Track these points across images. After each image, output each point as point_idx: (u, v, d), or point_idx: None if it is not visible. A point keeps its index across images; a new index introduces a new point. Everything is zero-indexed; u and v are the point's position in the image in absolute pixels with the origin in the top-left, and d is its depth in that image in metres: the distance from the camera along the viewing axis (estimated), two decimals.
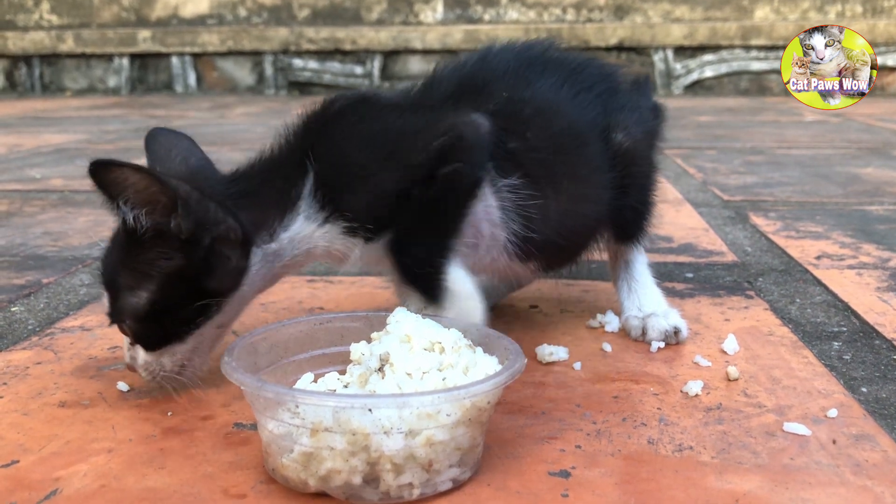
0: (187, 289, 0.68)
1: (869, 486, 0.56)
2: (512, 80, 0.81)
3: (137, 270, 0.68)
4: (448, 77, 0.81)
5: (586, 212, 0.84)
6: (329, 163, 0.73)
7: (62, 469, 0.59)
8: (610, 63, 0.94)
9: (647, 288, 0.89)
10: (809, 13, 4.49)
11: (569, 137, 0.82)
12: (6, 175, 1.99)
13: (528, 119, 0.79)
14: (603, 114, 0.85)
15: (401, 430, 0.52)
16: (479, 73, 0.81)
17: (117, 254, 0.70)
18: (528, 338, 0.86)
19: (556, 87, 0.82)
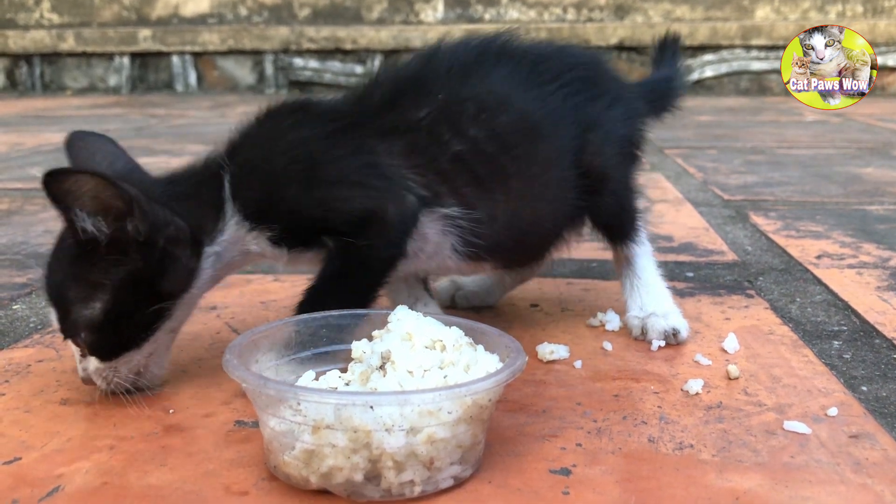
0: (141, 294, 0.68)
1: (869, 484, 0.56)
2: (457, 76, 0.78)
3: (89, 281, 0.67)
4: (388, 79, 0.80)
5: (541, 211, 0.82)
6: (243, 171, 0.73)
7: (64, 466, 0.59)
8: (588, 52, 0.91)
9: (650, 286, 0.88)
10: (810, 13, 4.49)
11: (519, 133, 0.79)
12: (7, 174, 2.00)
13: (473, 116, 0.77)
14: (569, 106, 0.81)
15: (402, 427, 0.52)
16: (421, 73, 0.79)
17: (65, 268, 0.68)
18: (529, 336, 0.86)
19: (507, 80, 0.80)
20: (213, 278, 0.75)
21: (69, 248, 0.68)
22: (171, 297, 0.70)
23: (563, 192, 0.82)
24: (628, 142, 0.87)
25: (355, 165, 0.74)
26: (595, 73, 0.86)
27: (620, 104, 0.86)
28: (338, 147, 0.74)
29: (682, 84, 0.99)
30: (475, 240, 0.77)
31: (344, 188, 0.73)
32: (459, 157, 0.76)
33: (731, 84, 4.54)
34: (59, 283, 0.68)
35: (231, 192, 0.73)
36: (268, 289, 1.03)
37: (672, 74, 1.00)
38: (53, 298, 0.69)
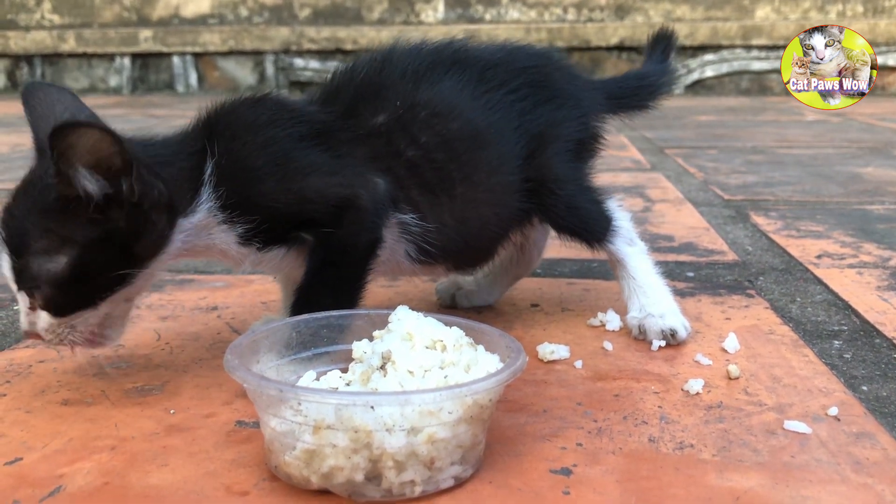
0: (110, 255, 0.67)
1: (869, 483, 0.56)
2: (410, 83, 0.80)
3: (60, 235, 0.65)
4: (347, 84, 0.81)
5: (485, 215, 0.83)
6: (224, 161, 0.74)
7: (65, 466, 0.59)
8: (540, 52, 0.91)
9: (648, 286, 0.87)
10: (810, 13, 4.49)
11: (465, 140, 0.80)
12: (8, 174, 2.00)
13: (424, 123, 0.79)
14: (515, 112, 0.83)
15: (403, 427, 0.52)
16: (377, 78, 0.80)
17: (33, 217, 0.66)
18: (530, 336, 0.86)
19: (457, 89, 0.81)
20: (176, 252, 0.74)
21: (41, 197, 0.66)
22: (140, 262, 0.69)
23: (508, 196, 0.83)
24: (577, 141, 0.88)
25: (327, 159, 0.76)
26: (544, 76, 0.87)
27: (571, 103, 0.88)
28: (311, 146, 0.76)
29: (662, 81, 0.99)
30: (427, 246, 0.79)
31: (319, 179, 0.75)
32: (413, 164, 0.78)
33: (732, 84, 4.54)
34: (22, 232, 0.66)
35: (211, 178, 0.73)
36: (268, 289, 1.03)
37: (652, 71, 1.00)
38: (13, 246, 0.67)
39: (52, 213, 0.65)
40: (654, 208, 1.54)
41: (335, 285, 0.76)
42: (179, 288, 1.05)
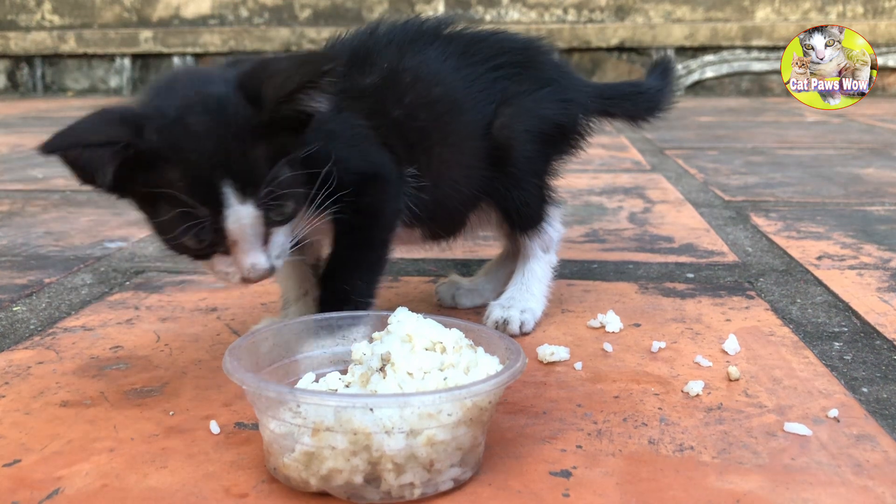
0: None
1: (870, 486, 0.56)
2: (395, 50, 0.83)
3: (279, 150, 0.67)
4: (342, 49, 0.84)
5: (457, 178, 0.86)
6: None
7: (64, 468, 0.59)
8: (525, 38, 0.93)
9: (522, 285, 0.92)
10: (810, 14, 4.49)
11: (444, 105, 0.84)
12: (8, 175, 2.00)
13: (408, 86, 0.82)
14: (497, 87, 0.86)
15: (402, 429, 0.52)
16: (366, 44, 0.84)
17: (250, 145, 0.65)
18: (529, 338, 0.86)
19: (440, 58, 0.85)
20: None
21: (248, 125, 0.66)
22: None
23: (478, 161, 0.86)
24: (556, 126, 0.90)
25: (352, 126, 0.79)
26: (529, 58, 0.90)
27: (554, 88, 0.90)
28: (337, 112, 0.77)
29: (658, 95, 1.01)
30: (410, 205, 0.82)
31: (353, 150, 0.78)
32: (397, 123, 0.81)
33: (732, 85, 4.54)
34: (249, 162, 0.65)
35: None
36: (268, 290, 1.03)
37: (649, 84, 1.02)
38: (245, 179, 0.65)
39: (269, 135, 0.66)
40: (654, 209, 1.54)
41: (362, 255, 0.79)
42: (179, 289, 1.05)
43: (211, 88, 0.67)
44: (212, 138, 0.64)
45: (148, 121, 0.64)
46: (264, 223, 0.67)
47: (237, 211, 0.64)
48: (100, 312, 0.96)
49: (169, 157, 0.63)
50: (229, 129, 0.64)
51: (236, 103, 0.65)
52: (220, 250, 0.67)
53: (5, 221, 1.47)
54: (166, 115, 0.64)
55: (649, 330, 0.88)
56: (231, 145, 0.64)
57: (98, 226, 1.42)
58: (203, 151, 0.64)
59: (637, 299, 0.99)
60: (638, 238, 1.31)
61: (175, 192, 0.63)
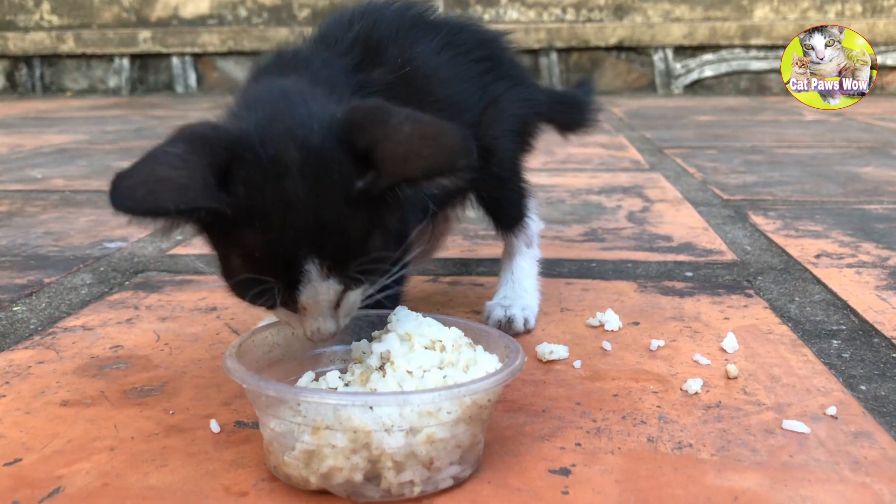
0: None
1: (868, 483, 0.57)
2: (401, 41, 0.78)
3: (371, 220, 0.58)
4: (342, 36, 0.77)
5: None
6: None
7: (64, 467, 0.59)
8: (492, 30, 0.93)
9: (513, 283, 0.93)
10: (809, 12, 4.50)
11: (448, 105, 0.81)
12: (7, 175, 2.00)
13: (421, 82, 0.78)
14: (480, 82, 0.85)
15: (402, 427, 0.52)
16: (372, 32, 0.78)
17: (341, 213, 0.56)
18: (529, 336, 0.86)
19: (437, 51, 0.82)
20: None
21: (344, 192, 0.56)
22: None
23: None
24: (524, 123, 0.91)
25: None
26: (499, 53, 0.90)
27: (522, 87, 0.90)
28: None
29: (588, 111, 1.05)
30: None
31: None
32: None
33: (731, 84, 4.54)
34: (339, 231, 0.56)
35: None
36: None
37: (582, 99, 1.06)
38: (331, 248, 0.56)
39: (369, 203, 0.57)
40: (652, 208, 1.54)
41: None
42: (179, 289, 1.05)
43: (311, 138, 0.56)
44: (305, 211, 0.55)
45: (239, 168, 0.55)
46: (342, 292, 0.59)
47: (315, 287, 0.57)
48: (100, 312, 0.96)
49: (252, 221, 0.55)
50: (327, 200, 0.55)
51: (339, 162, 0.56)
52: (289, 307, 0.59)
53: (5, 222, 1.47)
54: (260, 167, 0.55)
55: (648, 328, 0.88)
56: (326, 218, 0.55)
57: (97, 226, 1.42)
58: (291, 225, 0.54)
59: (636, 298, 0.99)
60: (637, 237, 1.31)
61: (252, 256, 0.56)
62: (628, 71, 4.61)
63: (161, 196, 0.51)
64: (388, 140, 0.56)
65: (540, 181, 1.84)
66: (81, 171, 2.05)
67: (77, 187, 1.80)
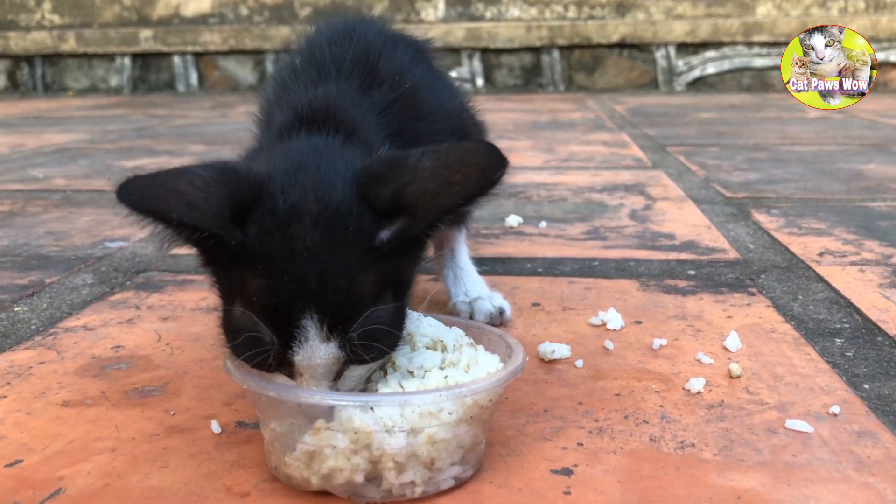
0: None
1: (871, 482, 0.56)
2: (388, 58, 0.77)
3: (383, 276, 0.55)
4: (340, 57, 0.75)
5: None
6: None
7: (66, 468, 0.59)
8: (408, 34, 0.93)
9: (471, 275, 0.95)
10: (811, 9, 4.49)
11: (436, 114, 0.80)
12: (9, 175, 2.00)
13: (411, 97, 0.76)
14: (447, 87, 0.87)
15: (403, 428, 0.52)
16: (366, 52, 0.76)
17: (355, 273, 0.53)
18: (531, 335, 0.86)
19: (412, 64, 0.81)
20: None
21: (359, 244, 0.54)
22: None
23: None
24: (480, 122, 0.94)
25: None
26: (429, 55, 0.91)
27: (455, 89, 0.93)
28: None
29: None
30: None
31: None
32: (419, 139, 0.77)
33: (734, 81, 4.53)
34: (350, 294, 0.53)
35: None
36: None
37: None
38: (340, 313, 0.53)
39: (384, 258, 0.55)
40: (655, 206, 1.53)
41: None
42: (180, 288, 1.05)
43: (332, 192, 0.54)
44: (312, 262, 0.52)
45: (257, 211, 0.53)
46: (343, 362, 0.55)
47: (312, 349, 0.53)
48: (101, 312, 0.96)
49: (257, 264, 0.52)
50: (338, 255, 0.53)
51: (359, 217, 0.54)
52: (285, 372, 0.55)
53: (6, 222, 1.47)
54: (276, 213, 0.53)
55: (650, 327, 0.88)
56: (332, 273, 0.52)
57: (99, 226, 1.42)
58: (293, 274, 0.52)
59: (638, 297, 0.99)
60: (639, 235, 1.30)
61: (249, 305, 0.53)
62: (630, 68, 4.61)
63: (167, 203, 0.50)
64: (413, 181, 0.54)
65: (542, 179, 1.84)
66: (83, 170, 2.05)
67: (78, 187, 1.80)
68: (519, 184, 1.77)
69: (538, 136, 2.64)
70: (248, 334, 0.53)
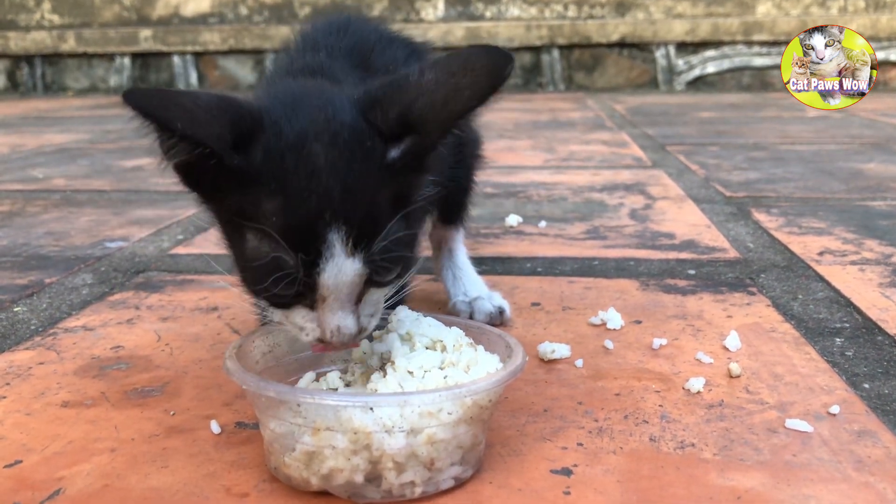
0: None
1: (871, 482, 0.56)
2: (382, 51, 0.77)
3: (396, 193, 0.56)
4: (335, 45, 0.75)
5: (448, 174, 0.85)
6: None
7: (65, 469, 0.59)
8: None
9: (470, 275, 0.95)
10: (811, 8, 4.48)
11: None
12: (8, 175, 2.00)
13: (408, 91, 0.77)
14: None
15: (402, 428, 0.52)
16: (361, 43, 0.77)
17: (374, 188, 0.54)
18: (530, 335, 0.86)
19: (407, 59, 0.80)
20: None
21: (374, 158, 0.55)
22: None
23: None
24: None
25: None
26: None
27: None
28: None
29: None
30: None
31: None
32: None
33: (733, 80, 4.53)
34: (371, 210, 0.54)
35: None
36: None
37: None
38: (362, 229, 0.53)
39: (397, 176, 0.55)
40: (655, 205, 1.53)
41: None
42: (180, 288, 1.05)
43: (341, 113, 0.55)
44: (333, 176, 0.52)
45: (260, 137, 0.53)
46: (364, 283, 0.55)
47: (339, 264, 0.52)
48: (100, 312, 0.96)
49: (270, 185, 0.52)
50: (358, 168, 0.53)
51: (370, 136, 0.54)
52: (305, 303, 0.55)
53: (6, 222, 1.47)
54: (284, 135, 0.54)
55: (650, 327, 0.88)
56: (354, 186, 0.53)
57: (98, 226, 1.42)
58: (317, 189, 0.52)
59: (638, 296, 0.99)
60: (639, 235, 1.30)
61: (267, 228, 0.52)
62: (630, 68, 4.60)
63: (172, 114, 0.49)
64: (419, 97, 0.54)
65: (542, 179, 1.84)
66: (82, 170, 2.05)
67: (78, 187, 1.80)
68: (519, 183, 1.77)
69: (538, 135, 2.64)
70: (268, 259, 0.52)
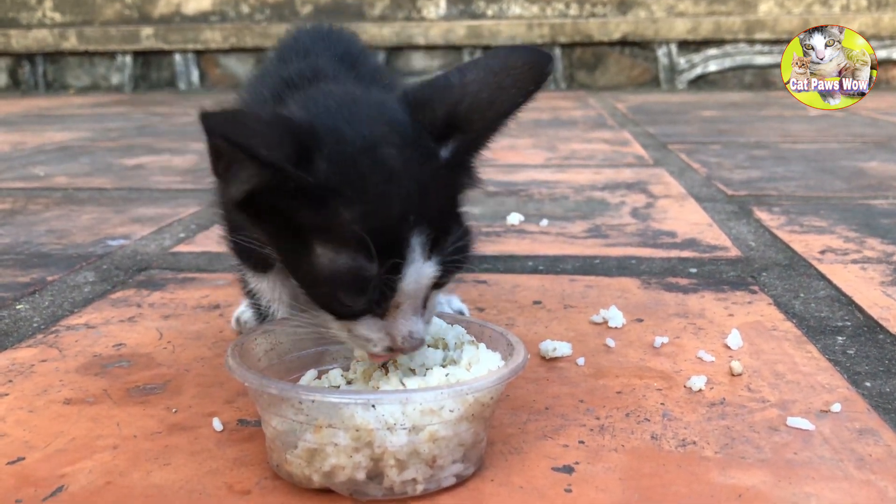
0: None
1: (872, 480, 0.56)
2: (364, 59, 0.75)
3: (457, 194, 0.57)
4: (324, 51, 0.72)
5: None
6: None
7: (67, 466, 0.59)
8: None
9: None
10: (814, 6, 4.48)
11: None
12: (10, 173, 2.00)
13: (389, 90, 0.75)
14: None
15: (404, 426, 0.52)
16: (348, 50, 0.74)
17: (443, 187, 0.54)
18: (532, 333, 0.86)
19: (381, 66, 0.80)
20: None
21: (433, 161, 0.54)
22: None
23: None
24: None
25: None
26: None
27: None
28: None
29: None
30: None
31: None
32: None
33: (735, 79, 4.53)
34: (444, 209, 0.55)
35: None
36: None
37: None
38: (440, 228, 0.53)
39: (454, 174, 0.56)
40: (656, 204, 1.53)
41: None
42: (182, 286, 1.05)
43: (396, 115, 0.55)
44: (410, 179, 0.51)
45: (323, 146, 0.51)
46: (433, 285, 0.54)
47: (419, 268, 0.52)
48: (102, 310, 0.96)
49: (346, 193, 0.50)
50: (427, 168, 0.53)
51: (425, 137, 0.54)
52: (376, 312, 0.54)
53: (7, 220, 1.48)
54: (350, 142, 0.52)
55: (652, 325, 0.88)
56: (429, 186, 0.52)
57: (100, 223, 1.42)
58: (398, 193, 0.51)
59: (639, 295, 0.99)
60: (640, 233, 1.30)
61: (345, 237, 0.50)
62: (632, 66, 4.60)
63: (256, 141, 0.47)
64: (464, 97, 0.54)
65: (543, 177, 1.84)
66: (84, 168, 2.05)
67: (79, 185, 1.80)
68: (520, 182, 1.77)
69: (540, 133, 2.64)
70: (344, 270, 0.51)
